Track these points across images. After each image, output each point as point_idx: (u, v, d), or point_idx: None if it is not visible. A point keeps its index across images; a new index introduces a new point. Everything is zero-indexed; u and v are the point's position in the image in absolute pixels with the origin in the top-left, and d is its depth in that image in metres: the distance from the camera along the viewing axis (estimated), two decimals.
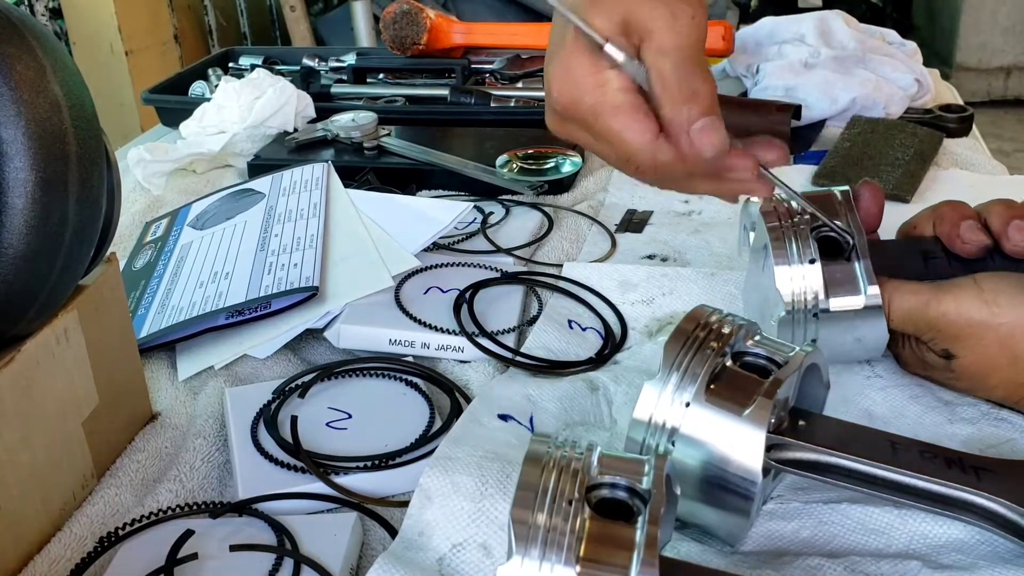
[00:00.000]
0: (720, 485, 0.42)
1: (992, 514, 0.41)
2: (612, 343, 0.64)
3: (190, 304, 0.67)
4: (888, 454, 0.43)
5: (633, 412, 0.43)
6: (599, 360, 0.61)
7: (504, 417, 0.53)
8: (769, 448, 0.42)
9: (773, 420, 0.42)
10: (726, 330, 0.44)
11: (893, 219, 0.82)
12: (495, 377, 0.60)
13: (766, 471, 0.42)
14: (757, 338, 0.45)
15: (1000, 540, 0.42)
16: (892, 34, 1.16)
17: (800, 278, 0.53)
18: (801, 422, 0.44)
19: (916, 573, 0.41)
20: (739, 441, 0.41)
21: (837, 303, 0.53)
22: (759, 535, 0.45)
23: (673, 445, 0.42)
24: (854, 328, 0.53)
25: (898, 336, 0.54)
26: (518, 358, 0.61)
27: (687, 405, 0.42)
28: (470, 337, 0.62)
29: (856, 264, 0.53)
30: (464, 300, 0.66)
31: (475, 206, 0.84)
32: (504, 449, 0.47)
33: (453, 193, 0.91)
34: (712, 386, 0.42)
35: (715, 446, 0.41)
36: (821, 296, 0.53)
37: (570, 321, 0.65)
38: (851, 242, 0.53)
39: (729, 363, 0.43)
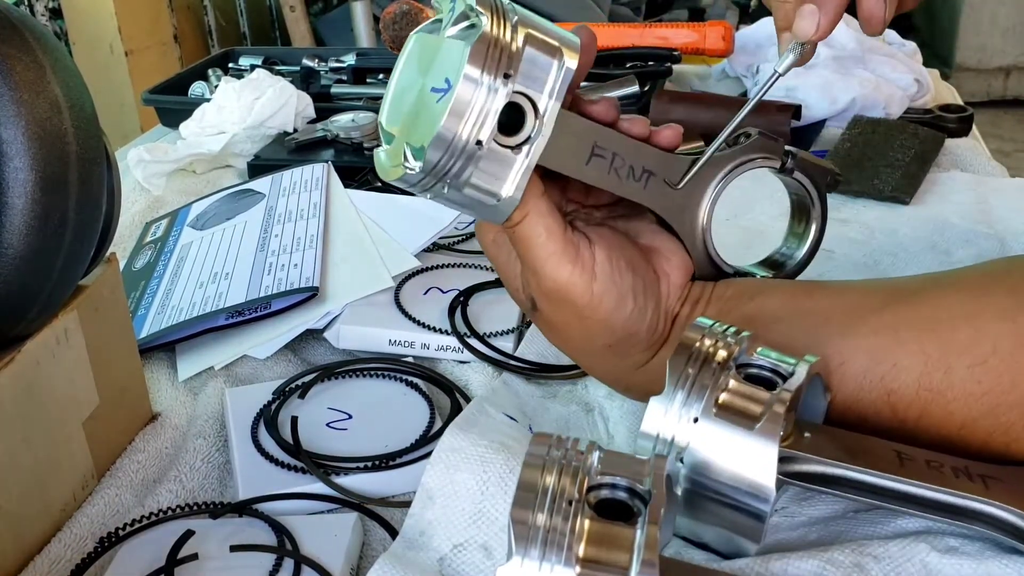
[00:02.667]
0: (731, 501, 0.41)
1: (1002, 523, 0.40)
2: None
3: (190, 304, 0.67)
4: (895, 464, 0.42)
5: (640, 428, 0.42)
6: None
7: (507, 416, 0.53)
8: (778, 461, 0.42)
9: (781, 433, 0.42)
10: (730, 342, 0.44)
11: (892, 222, 0.82)
12: (492, 381, 0.60)
13: (776, 485, 0.41)
14: (760, 350, 0.44)
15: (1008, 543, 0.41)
16: (892, 34, 1.16)
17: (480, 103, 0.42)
18: (806, 434, 0.44)
19: (924, 556, 0.40)
20: (751, 456, 0.40)
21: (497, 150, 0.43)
22: (766, 545, 0.44)
23: (682, 462, 0.42)
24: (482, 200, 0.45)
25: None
26: (512, 362, 0.61)
27: (695, 420, 0.41)
28: (462, 340, 0.62)
29: None
30: (459, 302, 0.66)
31: None
32: (509, 441, 0.47)
33: None
34: (720, 400, 0.42)
35: (726, 462, 0.41)
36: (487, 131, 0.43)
37: None
38: None
39: (735, 376, 0.43)
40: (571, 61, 0.44)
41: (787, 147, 0.52)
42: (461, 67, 0.42)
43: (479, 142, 0.43)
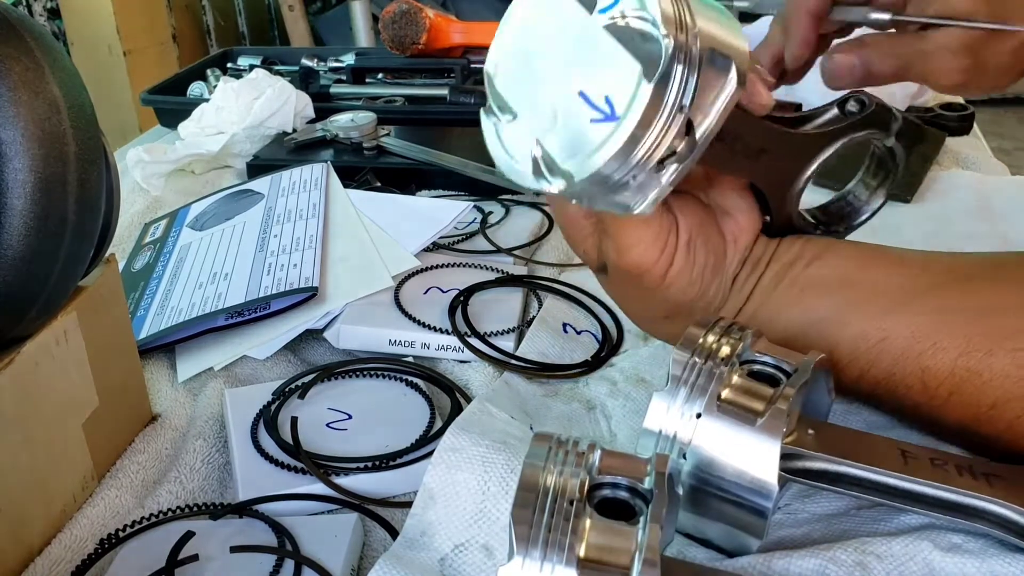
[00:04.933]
0: (733, 497, 0.41)
1: (1006, 521, 0.40)
2: (608, 346, 0.63)
3: (189, 305, 0.67)
4: (899, 462, 0.42)
5: (643, 423, 0.42)
6: (595, 363, 0.61)
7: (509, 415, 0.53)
8: (781, 458, 0.42)
9: (785, 429, 0.42)
10: (733, 338, 0.44)
11: (893, 220, 0.82)
12: (492, 381, 0.60)
13: (779, 482, 0.41)
14: (764, 345, 0.44)
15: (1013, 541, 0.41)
16: None
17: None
18: (810, 431, 0.44)
19: (927, 554, 0.40)
20: (753, 452, 0.40)
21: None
22: (768, 542, 0.44)
23: (684, 458, 0.42)
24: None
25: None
26: (512, 361, 0.61)
27: (698, 416, 0.41)
28: (463, 339, 0.62)
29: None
30: (460, 302, 0.66)
31: (475, 206, 0.84)
32: (511, 440, 0.47)
33: (453, 193, 0.91)
34: (723, 396, 0.42)
35: (729, 458, 0.41)
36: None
37: (565, 325, 0.65)
38: None
39: (738, 372, 0.42)
40: (739, 79, 0.39)
41: (893, 111, 0.49)
42: (634, 103, 0.36)
43: (634, 177, 0.39)
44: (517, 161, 0.41)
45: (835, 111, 0.49)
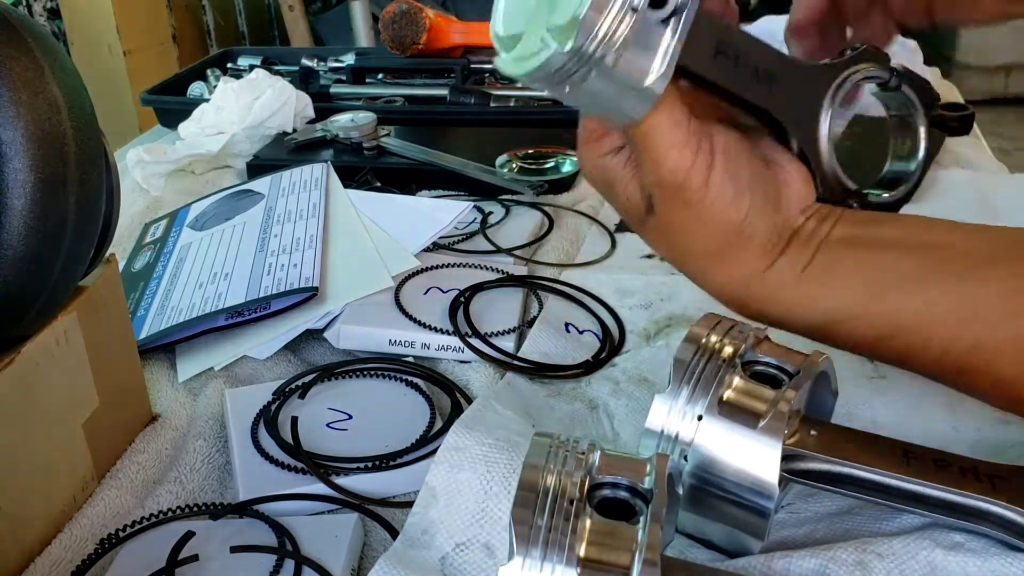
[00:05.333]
0: (735, 498, 0.41)
1: (1009, 523, 0.40)
2: (610, 346, 0.63)
3: (190, 305, 0.67)
4: (902, 463, 0.42)
5: (645, 424, 0.42)
6: (596, 363, 0.61)
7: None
8: (783, 459, 0.42)
9: (786, 431, 0.42)
10: (736, 339, 0.43)
11: None
12: (493, 381, 0.60)
13: (780, 483, 0.41)
14: (766, 346, 0.44)
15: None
16: None
17: None
18: (812, 432, 0.44)
19: (929, 553, 0.40)
20: (754, 454, 0.40)
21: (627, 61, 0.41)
22: (771, 542, 0.44)
23: (686, 459, 0.42)
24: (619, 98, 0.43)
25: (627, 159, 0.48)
26: (514, 361, 0.61)
27: (699, 418, 0.41)
28: (464, 339, 0.62)
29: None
30: (461, 302, 0.66)
31: (475, 206, 0.84)
32: (515, 437, 0.47)
33: (453, 193, 0.91)
34: (724, 398, 0.42)
35: (730, 459, 0.41)
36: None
37: (567, 325, 0.65)
38: None
39: (740, 373, 0.42)
40: None
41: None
42: None
43: (634, 8, 0.39)
44: (533, 59, 0.41)
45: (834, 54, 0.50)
